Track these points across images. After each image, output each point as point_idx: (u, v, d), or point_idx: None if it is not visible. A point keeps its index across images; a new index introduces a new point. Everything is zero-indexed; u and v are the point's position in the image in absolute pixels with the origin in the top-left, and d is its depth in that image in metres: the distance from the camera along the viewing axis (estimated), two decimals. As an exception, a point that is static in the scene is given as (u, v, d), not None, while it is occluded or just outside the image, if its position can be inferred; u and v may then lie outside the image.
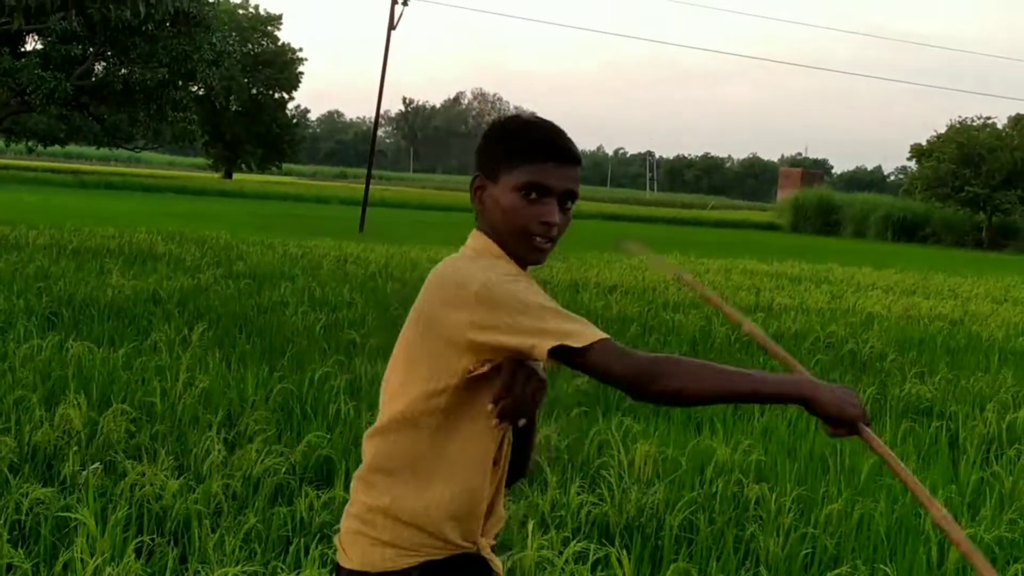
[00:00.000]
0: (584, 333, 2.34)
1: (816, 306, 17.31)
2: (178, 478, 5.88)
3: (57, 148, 76.12)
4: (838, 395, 2.37)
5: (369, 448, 2.58)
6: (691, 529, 5.87)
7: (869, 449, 2.40)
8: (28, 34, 42.15)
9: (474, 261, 2.52)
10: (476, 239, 2.60)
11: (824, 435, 7.90)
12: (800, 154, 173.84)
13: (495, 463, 2.59)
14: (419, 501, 2.51)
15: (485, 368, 2.46)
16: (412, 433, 2.51)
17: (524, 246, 2.53)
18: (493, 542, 2.66)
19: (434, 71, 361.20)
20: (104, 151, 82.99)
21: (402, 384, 2.53)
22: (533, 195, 2.51)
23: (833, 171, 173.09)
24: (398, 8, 38.15)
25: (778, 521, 5.98)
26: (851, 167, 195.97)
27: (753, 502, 6.28)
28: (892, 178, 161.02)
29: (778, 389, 2.38)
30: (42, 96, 39.81)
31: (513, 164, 2.52)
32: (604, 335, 2.35)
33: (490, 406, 2.49)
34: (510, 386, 2.48)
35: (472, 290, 2.40)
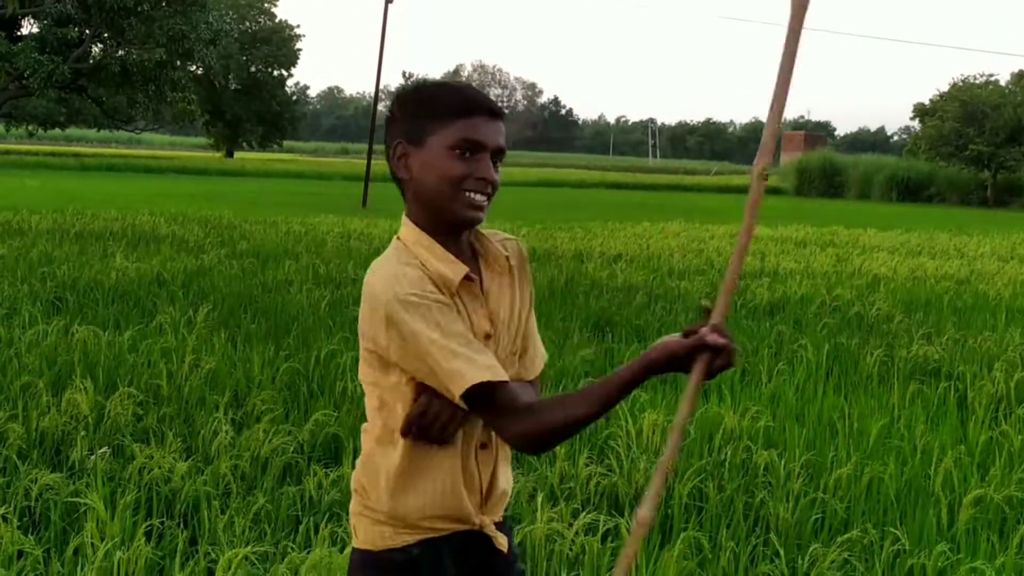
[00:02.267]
0: (466, 375, 2.32)
1: (821, 269, 17.28)
2: (186, 460, 5.88)
3: (57, 132, 76.19)
4: (667, 341, 2.30)
5: (363, 431, 2.59)
6: (700, 497, 5.86)
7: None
8: (24, 18, 42.05)
9: (392, 263, 2.47)
10: (405, 227, 2.54)
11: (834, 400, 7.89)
12: (803, 117, 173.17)
13: (483, 446, 2.56)
14: (407, 480, 2.51)
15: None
16: (393, 415, 2.49)
17: (460, 205, 2.45)
18: (498, 518, 2.64)
19: (433, 43, 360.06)
20: (104, 133, 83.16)
21: (370, 374, 2.51)
22: (467, 153, 2.45)
23: (836, 133, 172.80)
24: (395, -19, 37.99)
25: (787, 487, 5.97)
26: (854, 128, 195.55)
27: (762, 468, 6.27)
28: (896, 139, 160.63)
29: (631, 370, 2.32)
30: (40, 80, 39.71)
31: (443, 123, 2.45)
32: (484, 377, 2.33)
33: (401, 423, 2.46)
34: (423, 412, 2.44)
35: (382, 313, 2.38)
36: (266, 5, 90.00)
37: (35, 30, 43.21)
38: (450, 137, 2.44)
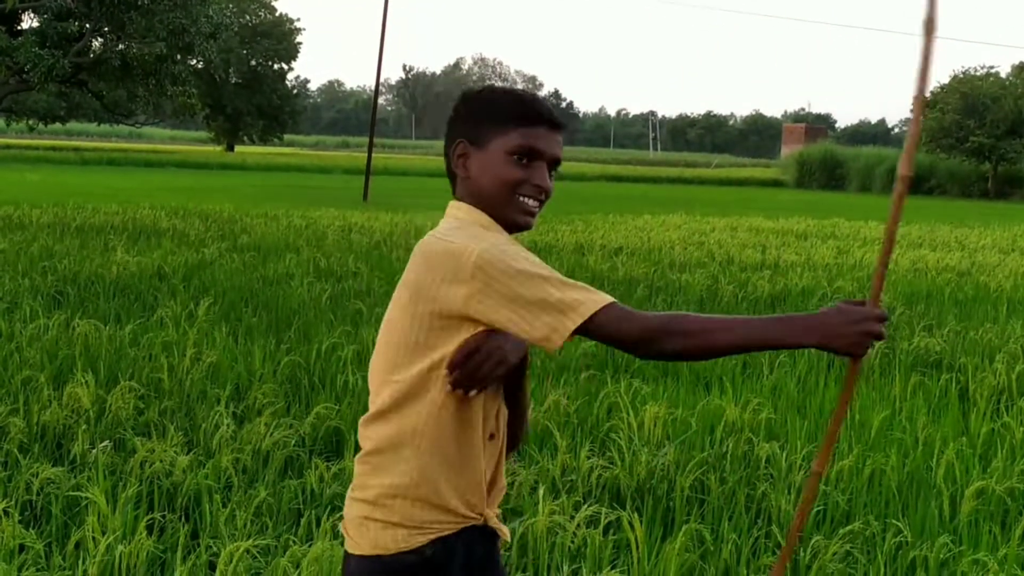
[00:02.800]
0: (587, 302, 2.31)
1: (823, 262, 17.28)
2: (188, 454, 5.87)
3: (58, 126, 76.10)
4: (845, 331, 2.25)
5: (369, 434, 2.55)
6: (702, 490, 5.86)
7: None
8: (23, 12, 42.00)
9: (462, 231, 2.46)
10: (458, 209, 2.57)
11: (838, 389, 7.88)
12: (803, 109, 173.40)
13: (491, 437, 2.57)
14: (427, 476, 2.49)
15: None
16: (413, 410, 2.48)
17: (515, 209, 2.52)
18: (498, 511, 2.65)
19: (433, 37, 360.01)
20: (105, 128, 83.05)
21: (395, 367, 2.49)
22: (525, 160, 2.51)
23: (837, 125, 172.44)
24: (395, -25, 37.96)
25: (789, 479, 5.97)
26: (855, 121, 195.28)
27: (764, 461, 6.27)
28: (896, 131, 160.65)
29: (789, 336, 2.29)
30: (40, 74, 39.64)
31: (505, 129, 2.52)
32: (608, 299, 2.32)
33: (445, 371, 2.45)
34: (471, 353, 2.43)
35: (468, 261, 2.35)
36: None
37: (35, 24, 43.17)
38: (511, 143, 2.51)
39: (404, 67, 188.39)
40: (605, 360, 8.91)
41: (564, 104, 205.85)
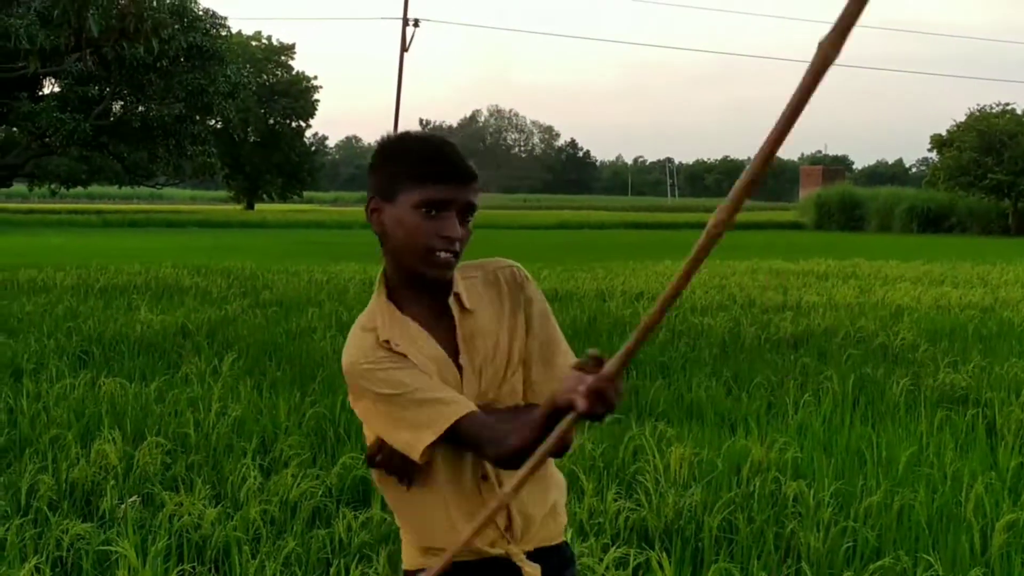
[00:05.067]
0: (415, 443, 2.45)
1: (844, 301, 17.24)
2: (216, 506, 5.90)
3: (80, 190, 76.70)
4: (566, 385, 2.10)
5: None
6: (730, 529, 5.85)
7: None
8: (45, 77, 42.49)
9: (353, 331, 2.62)
10: (378, 281, 2.66)
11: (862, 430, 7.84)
12: (820, 151, 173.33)
13: (484, 477, 2.59)
14: (406, 530, 2.69)
15: None
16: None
17: (427, 263, 2.50)
18: (534, 546, 2.65)
19: (449, 90, 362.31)
20: (126, 190, 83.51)
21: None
22: (432, 211, 2.47)
23: (854, 167, 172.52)
24: (410, 30, 38.32)
25: (817, 516, 5.95)
26: (872, 161, 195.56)
27: (791, 499, 6.26)
28: (914, 170, 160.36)
29: (541, 414, 2.24)
30: (62, 138, 40.10)
31: (410, 182, 2.49)
32: (456, 415, 2.43)
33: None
34: (376, 454, 2.60)
35: (344, 370, 2.57)
36: (283, 58, 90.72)
37: (56, 89, 43.67)
38: (416, 196, 2.47)
39: (421, 121, 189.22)
40: (629, 404, 8.91)
41: (581, 154, 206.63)
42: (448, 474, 2.56)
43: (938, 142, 66.70)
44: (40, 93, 45.20)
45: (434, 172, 2.47)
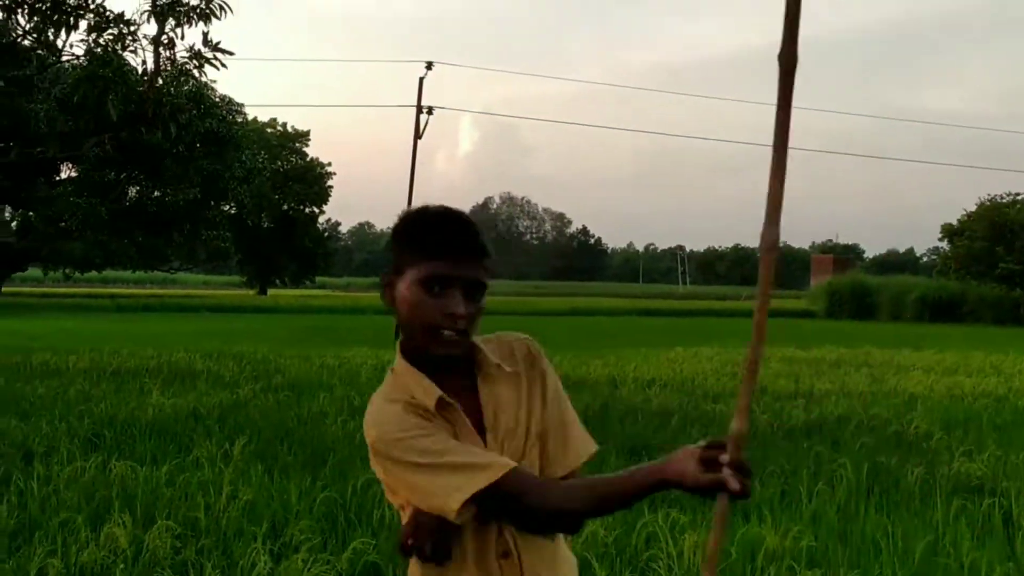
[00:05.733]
0: (451, 502, 2.38)
1: (857, 389, 17.18)
2: (226, 591, 5.85)
3: (94, 274, 77.15)
4: (685, 466, 2.16)
5: None
6: (745, 618, 5.78)
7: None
8: (62, 162, 42.96)
9: (375, 404, 2.56)
10: (396, 358, 2.63)
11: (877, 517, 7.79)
12: (831, 240, 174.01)
13: (505, 555, 2.55)
14: None
15: None
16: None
17: (432, 341, 2.47)
18: None
19: (462, 177, 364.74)
20: (140, 274, 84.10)
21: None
22: (436, 288, 2.45)
23: (865, 255, 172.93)
24: (424, 117, 38.70)
25: (833, 606, 5.89)
26: (883, 250, 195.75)
27: (807, 588, 6.19)
28: (925, 259, 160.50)
29: (638, 481, 2.26)
30: (78, 222, 40.40)
31: (415, 258, 2.47)
32: (499, 472, 2.38)
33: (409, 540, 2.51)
34: (414, 527, 2.50)
35: (370, 443, 2.50)
36: (297, 144, 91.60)
37: (73, 174, 44.10)
38: (420, 272, 2.45)
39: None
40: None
41: (592, 240, 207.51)
42: (475, 551, 2.52)
43: (949, 231, 66.97)
44: (57, 178, 45.65)
45: (437, 247, 2.45)
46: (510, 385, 2.61)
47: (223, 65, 13.31)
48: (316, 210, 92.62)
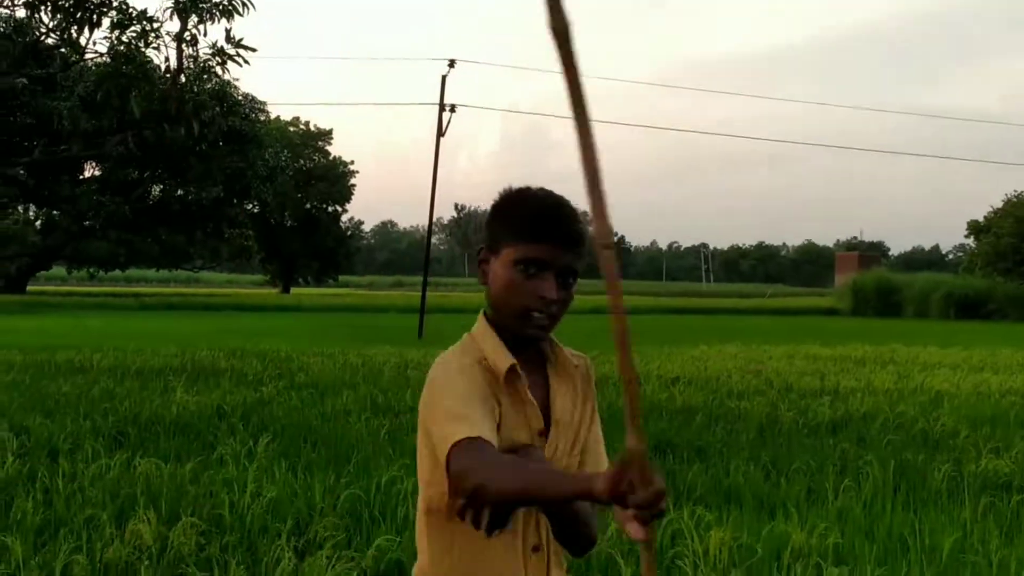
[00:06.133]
0: (443, 441, 2.31)
1: (883, 387, 17.09)
2: (250, 588, 5.84)
3: (118, 273, 77.50)
4: (611, 477, 1.95)
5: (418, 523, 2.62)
6: (772, 616, 5.74)
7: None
8: (86, 161, 43.11)
9: (446, 359, 2.52)
10: (477, 322, 2.59)
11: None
12: (856, 238, 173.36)
13: (536, 548, 2.53)
14: None
15: None
16: (437, 524, 2.54)
17: (521, 322, 2.48)
18: None
19: (484, 175, 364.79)
20: (163, 273, 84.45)
21: (421, 474, 2.56)
22: (532, 270, 2.45)
23: (890, 253, 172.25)
24: (446, 115, 38.68)
25: (861, 604, 5.84)
26: (908, 247, 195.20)
27: (834, 586, 6.14)
28: (951, 256, 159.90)
29: (566, 486, 2.07)
30: (102, 220, 40.53)
31: (513, 239, 2.47)
32: (458, 438, 2.27)
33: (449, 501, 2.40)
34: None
35: (431, 376, 2.47)
36: (320, 143, 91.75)
37: (96, 173, 44.25)
38: (517, 252, 2.46)
39: (456, 206, 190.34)
40: (666, 488, 8.80)
41: (615, 239, 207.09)
42: (505, 543, 2.49)
43: (975, 228, 66.62)
44: (81, 177, 45.84)
45: (536, 231, 2.46)
46: (571, 388, 2.62)
47: (246, 62, 13.32)
48: (339, 209, 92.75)
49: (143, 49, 13.83)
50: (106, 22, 13.78)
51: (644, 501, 1.88)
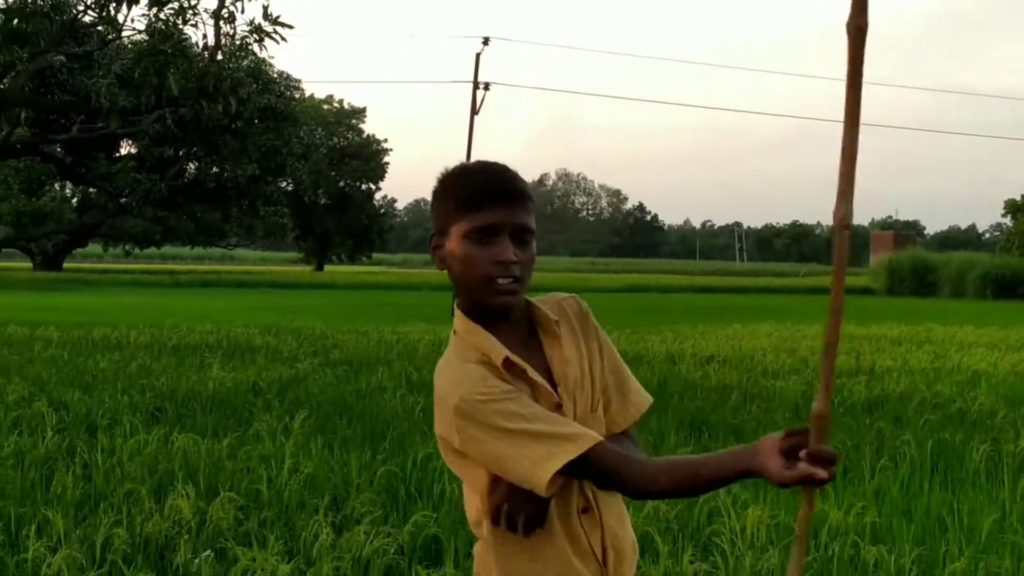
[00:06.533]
0: (542, 473, 2.32)
1: (919, 366, 16.99)
2: (288, 562, 5.88)
3: (153, 250, 77.99)
4: (768, 460, 2.11)
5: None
6: (809, 594, 5.73)
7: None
8: (122, 139, 43.32)
9: (451, 366, 2.48)
10: (457, 318, 2.56)
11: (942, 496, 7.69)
12: (891, 217, 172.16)
13: (585, 510, 2.52)
14: (540, 568, 2.51)
15: None
16: (482, 538, 2.55)
17: (488, 292, 2.43)
18: None
19: (518, 153, 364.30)
20: (198, 250, 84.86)
21: (470, 513, 2.58)
22: (484, 237, 2.42)
23: (925, 232, 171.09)
24: (480, 93, 38.65)
25: (900, 583, 5.81)
26: (944, 227, 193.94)
27: (872, 565, 6.12)
28: (987, 236, 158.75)
29: (724, 466, 2.21)
30: (138, 198, 40.73)
31: (458, 213, 2.44)
32: (587, 444, 2.32)
33: (483, 502, 2.47)
34: (503, 500, 2.42)
35: (449, 410, 2.40)
36: (354, 121, 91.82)
37: (133, 150, 44.47)
38: (465, 225, 2.43)
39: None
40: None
41: (648, 217, 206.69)
42: (558, 510, 2.48)
43: (1013, 207, 66.09)
44: (117, 154, 46.10)
45: (479, 198, 2.43)
46: (569, 340, 2.57)
47: (283, 39, 13.33)
48: (372, 187, 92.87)
49: (181, 26, 13.87)
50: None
51: (824, 461, 2.06)
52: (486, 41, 41.12)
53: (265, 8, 13.21)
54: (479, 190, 2.44)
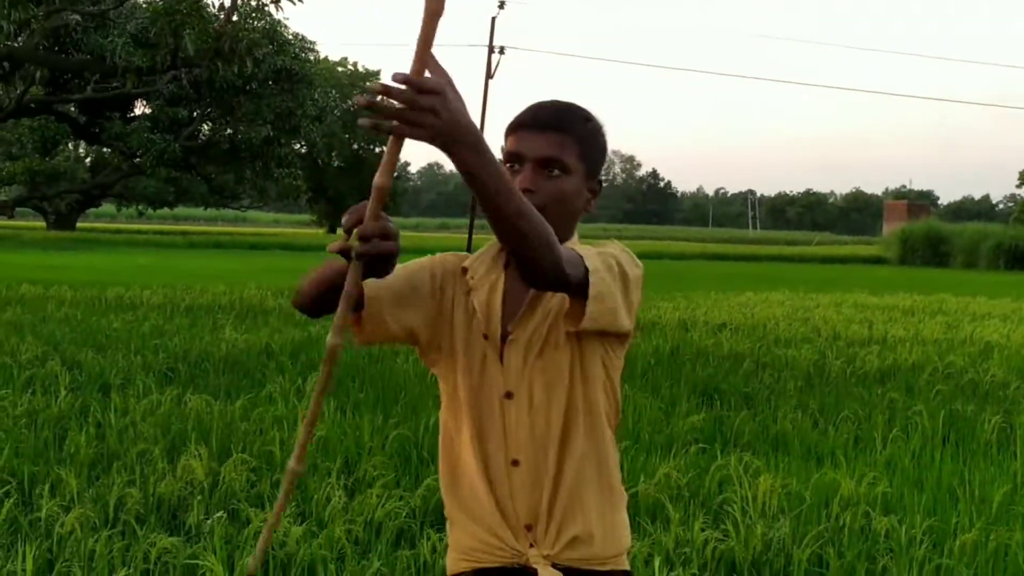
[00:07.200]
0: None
1: (932, 337, 16.95)
2: (301, 524, 5.91)
3: (166, 211, 78.06)
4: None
5: None
6: (820, 563, 5.74)
7: None
8: (136, 99, 43.26)
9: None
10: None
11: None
12: (904, 186, 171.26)
13: (515, 463, 2.47)
14: (454, 523, 2.60)
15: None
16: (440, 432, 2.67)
17: None
18: (565, 560, 2.44)
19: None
20: (211, 212, 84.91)
21: None
22: (516, 166, 2.46)
23: (939, 202, 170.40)
24: (495, 58, 38.49)
25: (911, 553, 5.82)
26: (957, 197, 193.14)
27: (883, 535, 6.13)
28: (1001, 206, 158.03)
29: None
30: (152, 158, 40.71)
31: (505, 138, 2.53)
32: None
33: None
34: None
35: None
36: (368, 83, 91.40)
37: (147, 111, 44.44)
38: (501, 152, 2.48)
39: (502, 148, 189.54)
40: (713, 434, 8.84)
41: (662, 184, 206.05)
42: (484, 460, 2.50)
43: (1027, 178, 65.56)
44: (131, 114, 46.09)
45: (512, 125, 2.50)
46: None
47: (300, 0, 13.27)
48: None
49: (196, -14, 13.82)
50: (159, -41, 13.78)
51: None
52: (502, 4, 40.91)
53: (281, -31, 13.16)
54: (515, 119, 2.51)
